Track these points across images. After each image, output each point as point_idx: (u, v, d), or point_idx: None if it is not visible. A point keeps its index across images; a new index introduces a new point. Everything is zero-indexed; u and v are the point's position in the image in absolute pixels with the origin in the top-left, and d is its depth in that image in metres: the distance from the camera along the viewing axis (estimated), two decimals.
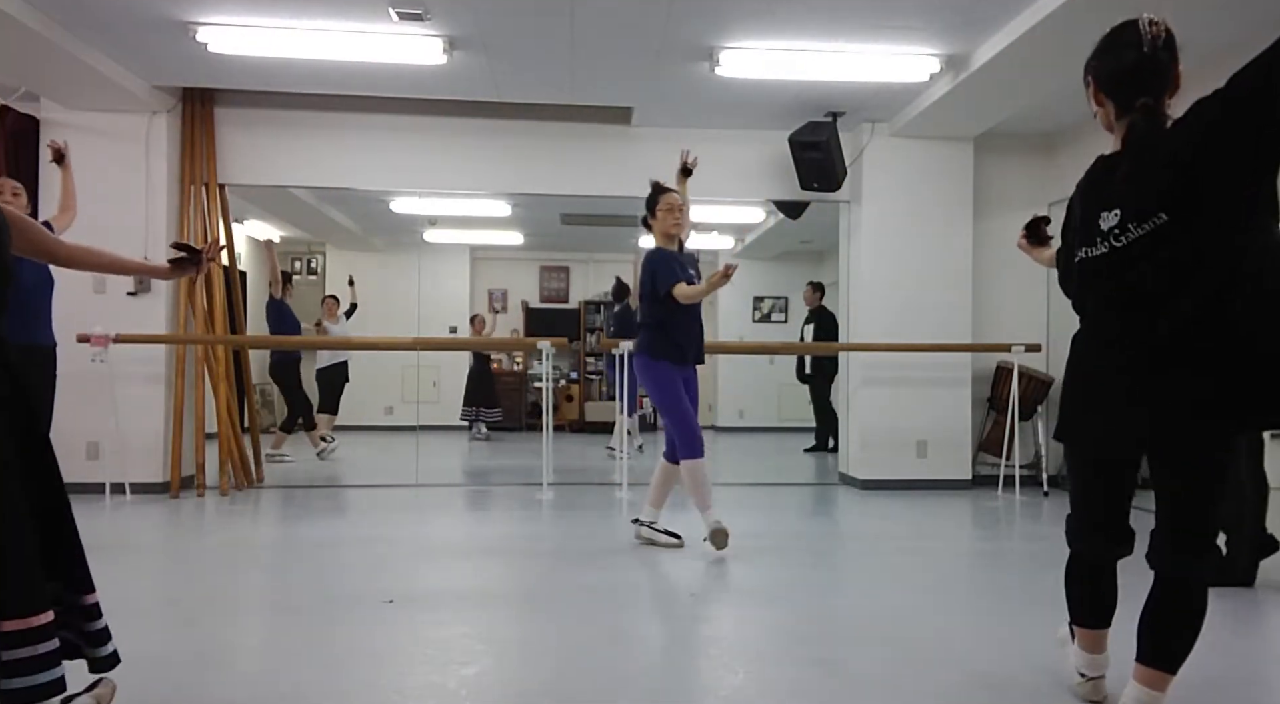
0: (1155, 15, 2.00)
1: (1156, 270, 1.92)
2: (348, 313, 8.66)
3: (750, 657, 2.80)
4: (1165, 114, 2.01)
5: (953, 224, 6.55)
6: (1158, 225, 1.91)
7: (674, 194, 4.35)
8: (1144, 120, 1.99)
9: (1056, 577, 2.54)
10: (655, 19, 4.72)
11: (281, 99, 6.15)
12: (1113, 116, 2.08)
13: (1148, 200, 1.93)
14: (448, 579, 3.76)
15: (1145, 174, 1.96)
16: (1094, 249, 2.04)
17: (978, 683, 2.56)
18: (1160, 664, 2.05)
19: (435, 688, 2.43)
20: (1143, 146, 2.00)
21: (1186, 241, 1.89)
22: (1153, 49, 1.99)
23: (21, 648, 1.79)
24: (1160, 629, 2.07)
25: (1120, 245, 1.97)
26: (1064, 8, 4.14)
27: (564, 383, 11.49)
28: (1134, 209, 1.95)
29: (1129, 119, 2.03)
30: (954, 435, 6.58)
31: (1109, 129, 2.14)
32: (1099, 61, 2.09)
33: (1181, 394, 1.91)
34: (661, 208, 4.32)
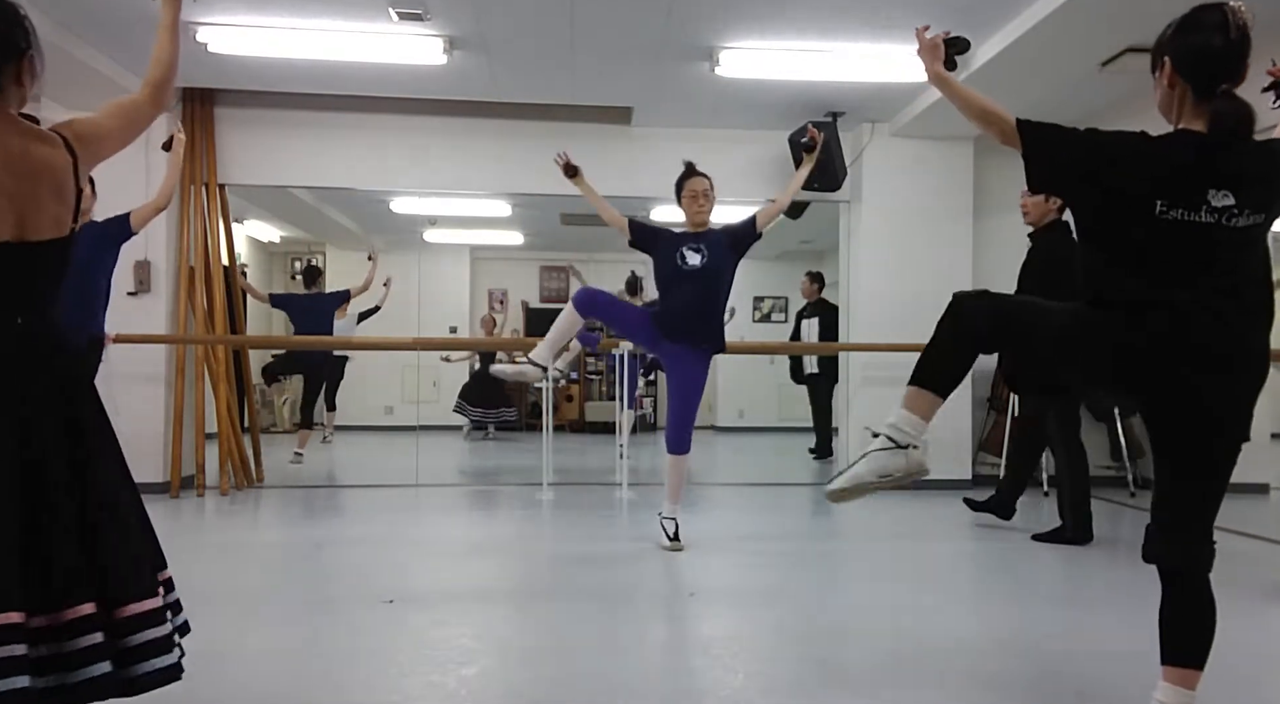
0: (1240, 4, 2.00)
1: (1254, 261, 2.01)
2: (366, 313, 8.59)
3: (750, 657, 2.80)
4: (1245, 102, 2.01)
5: (953, 224, 6.55)
6: (1256, 223, 1.98)
7: (700, 179, 4.28)
8: (1230, 107, 1.99)
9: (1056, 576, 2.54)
10: (655, 19, 4.72)
11: (281, 99, 6.15)
12: (1188, 100, 2.05)
13: (1261, 199, 1.98)
14: (448, 579, 3.76)
15: (1257, 172, 1.99)
16: (1195, 214, 1.97)
17: (978, 683, 2.56)
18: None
19: (435, 688, 2.43)
20: (1243, 138, 2.00)
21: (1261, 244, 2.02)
22: (1239, 35, 1.98)
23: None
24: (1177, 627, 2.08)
25: (1235, 227, 1.97)
26: (1064, 7, 4.14)
27: (564, 383, 11.49)
28: (1250, 200, 1.97)
29: (1211, 105, 2.00)
30: (954, 435, 6.58)
31: (1168, 111, 2.09)
32: (1181, 41, 2.03)
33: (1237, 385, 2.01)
34: (685, 194, 4.29)
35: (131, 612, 1.83)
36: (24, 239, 1.81)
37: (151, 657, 1.85)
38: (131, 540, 1.90)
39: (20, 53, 1.86)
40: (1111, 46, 4.77)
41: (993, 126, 2.23)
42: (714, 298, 4.24)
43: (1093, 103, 6.04)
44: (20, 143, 1.83)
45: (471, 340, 10.64)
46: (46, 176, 1.84)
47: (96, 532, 1.83)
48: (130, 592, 1.84)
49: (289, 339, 7.70)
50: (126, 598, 1.83)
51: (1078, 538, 4.49)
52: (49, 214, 1.84)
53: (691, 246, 4.20)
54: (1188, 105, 2.04)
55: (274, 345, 8.31)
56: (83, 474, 1.85)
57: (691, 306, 4.18)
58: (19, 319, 1.83)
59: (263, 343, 8.17)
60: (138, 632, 1.83)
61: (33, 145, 1.84)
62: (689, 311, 4.18)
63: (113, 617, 1.81)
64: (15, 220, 1.80)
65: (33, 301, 1.86)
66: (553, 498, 5.85)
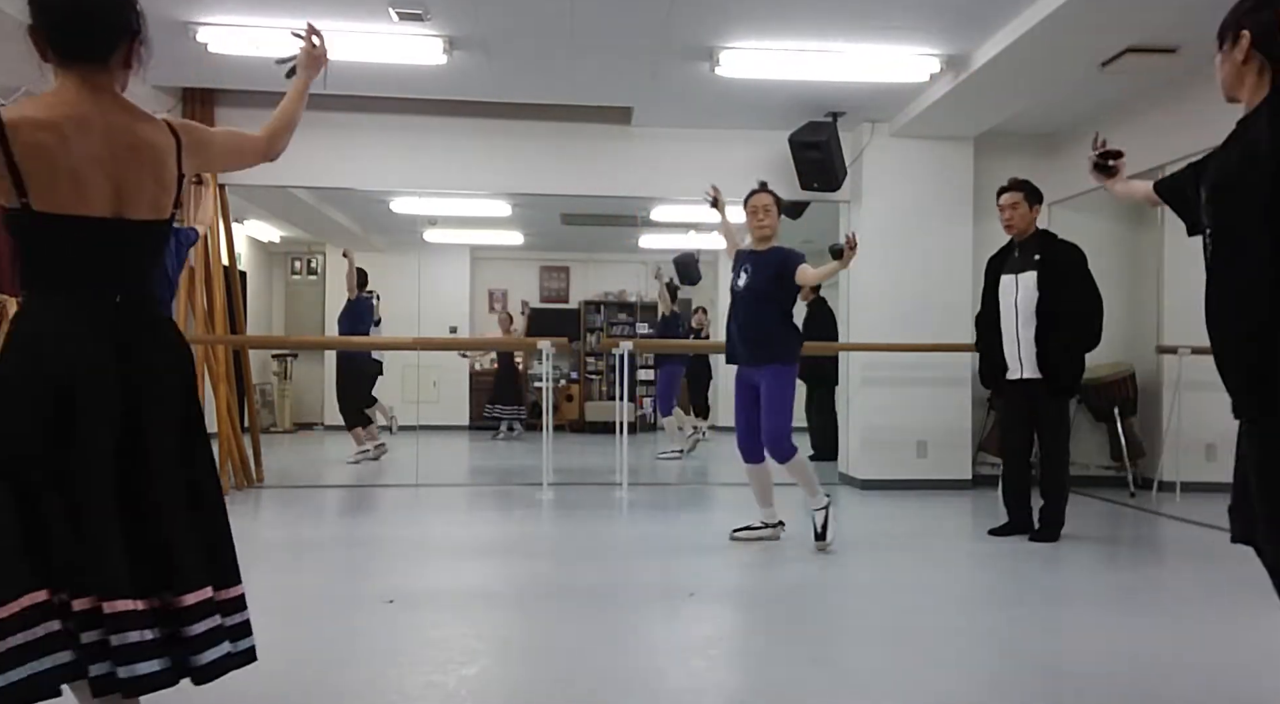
0: None
1: None
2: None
3: (750, 657, 2.80)
4: None
5: (953, 224, 6.55)
6: None
7: (761, 195, 4.36)
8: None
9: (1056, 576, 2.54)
10: (655, 19, 4.72)
11: (281, 99, 6.13)
12: (1261, 72, 2.03)
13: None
14: (448, 579, 3.76)
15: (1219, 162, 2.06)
16: None
17: (978, 683, 2.56)
18: None
19: (435, 688, 2.43)
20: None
21: None
22: None
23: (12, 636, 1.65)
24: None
25: None
26: (1064, 8, 4.14)
27: (564, 383, 11.49)
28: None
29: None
30: (954, 435, 6.58)
31: (1235, 85, 2.09)
32: (1261, 16, 2.03)
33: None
34: (749, 209, 4.39)
35: (235, 594, 1.95)
36: (121, 216, 1.84)
37: (244, 636, 1.97)
38: (223, 518, 1.98)
39: (133, 35, 1.90)
40: (1111, 46, 4.78)
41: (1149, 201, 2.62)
42: (753, 317, 4.28)
43: (1093, 103, 6.05)
44: (125, 119, 1.86)
45: (472, 340, 10.65)
46: (148, 156, 1.87)
47: (200, 510, 1.91)
48: (233, 577, 1.96)
49: (288, 339, 7.70)
50: (233, 581, 1.95)
51: (1051, 536, 4.51)
52: (147, 194, 1.87)
53: (744, 267, 4.34)
54: (1256, 79, 2.04)
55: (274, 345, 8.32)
56: (190, 448, 1.92)
57: (736, 327, 4.36)
58: (117, 297, 1.86)
59: (262, 343, 8.17)
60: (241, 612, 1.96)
61: (137, 123, 1.88)
62: (734, 332, 4.37)
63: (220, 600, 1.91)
64: (114, 197, 1.82)
65: (130, 279, 1.89)
66: (553, 498, 5.85)
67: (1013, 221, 4.61)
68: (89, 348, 1.79)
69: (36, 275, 1.82)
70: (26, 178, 1.72)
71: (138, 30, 1.90)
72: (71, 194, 1.76)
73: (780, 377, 4.25)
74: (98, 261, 1.83)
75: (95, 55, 1.84)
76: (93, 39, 1.84)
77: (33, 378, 1.76)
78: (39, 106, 1.79)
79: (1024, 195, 4.61)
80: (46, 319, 1.80)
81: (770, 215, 4.32)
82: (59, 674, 1.69)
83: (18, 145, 1.71)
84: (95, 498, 1.76)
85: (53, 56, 1.84)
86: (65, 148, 1.75)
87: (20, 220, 1.76)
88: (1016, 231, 4.63)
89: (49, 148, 1.73)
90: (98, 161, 1.78)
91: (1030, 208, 4.60)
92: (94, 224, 1.79)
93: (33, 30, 1.83)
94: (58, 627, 1.70)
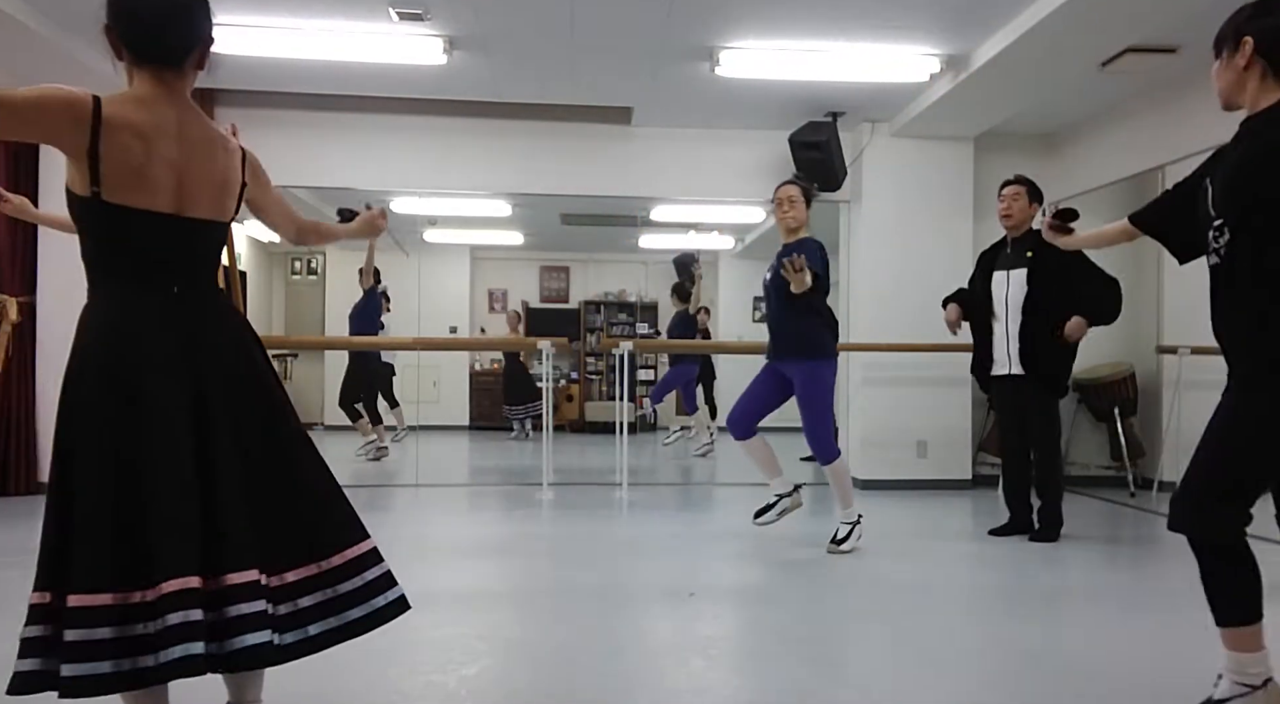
0: None
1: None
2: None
3: (750, 657, 2.80)
4: None
5: (953, 224, 6.55)
6: None
7: (786, 186, 4.30)
8: None
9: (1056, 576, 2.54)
10: (655, 19, 4.72)
11: (281, 99, 6.15)
12: (1263, 78, 2.07)
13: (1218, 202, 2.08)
14: (448, 579, 3.76)
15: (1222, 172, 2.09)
16: None
17: (978, 682, 2.56)
18: None
19: (435, 688, 2.43)
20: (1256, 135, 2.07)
21: None
22: None
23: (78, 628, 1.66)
24: None
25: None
26: (1064, 7, 4.14)
27: (564, 383, 11.49)
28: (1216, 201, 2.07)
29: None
30: (954, 435, 6.58)
31: (1236, 92, 2.12)
32: (1264, 23, 2.06)
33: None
34: (775, 201, 4.32)
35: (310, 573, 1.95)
36: (182, 214, 1.87)
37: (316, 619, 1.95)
38: (315, 493, 2.02)
39: (209, 40, 1.96)
40: (1111, 46, 4.78)
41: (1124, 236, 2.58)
42: (779, 312, 4.25)
43: (1093, 103, 6.05)
44: (199, 123, 1.92)
45: (472, 340, 10.65)
46: (218, 160, 1.93)
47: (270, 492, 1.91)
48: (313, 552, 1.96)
49: (288, 339, 7.71)
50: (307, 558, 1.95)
51: (1050, 536, 4.52)
52: (211, 195, 1.91)
53: (774, 263, 4.26)
54: (1259, 84, 2.07)
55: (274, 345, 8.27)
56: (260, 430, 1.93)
57: (770, 323, 4.35)
58: (175, 288, 1.89)
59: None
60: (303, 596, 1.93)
61: (210, 129, 1.95)
62: (770, 328, 4.34)
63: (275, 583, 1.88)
64: (176, 193, 1.86)
65: (188, 274, 1.92)
66: (553, 498, 5.85)
67: (1011, 212, 4.61)
68: (156, 337, 1.83)
69: (100, 265, 1.87)
70: (103, 169, 1.77)
71: (211, 36, 1.97)
72: (139, 189, 1.80)
73: (814, 374, 4.15)
74: (158, 255, 1.87)
75: (173, 59, 1.89)
76: (173, 43, 1.89)
77: (107, 368, 1.80)
78: (127, 105, 1.83)
79: (1026, 190, 4.62)
80: (113, 310, 1.84)
81: (795, 206, 4.23)
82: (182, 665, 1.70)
83: (105, 139, 1.76)
84: (172, 484, 1.77)
85: (128, 56, 1.88)
86: (145, 148, 1.80)
87: (89, 209, 1.80)
88: (1013, 224, 4.62)
89: (130, 147, 1.79)
90: (169, 162, 1.83)
91: (1030, 203, 4.61)
92: (158, 219, 1.83)
93: (109, 30, 1.88)
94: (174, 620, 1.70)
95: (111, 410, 1.77)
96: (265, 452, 1.92)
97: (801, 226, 4.26)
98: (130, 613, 1.70)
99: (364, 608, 2.00)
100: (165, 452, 1.77)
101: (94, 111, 1.77)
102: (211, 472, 1.81)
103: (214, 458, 1.82)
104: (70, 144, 1.76)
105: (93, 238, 1.85)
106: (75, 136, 1.76)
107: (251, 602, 1.79)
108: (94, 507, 1.73)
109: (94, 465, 1.74)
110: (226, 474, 1.83)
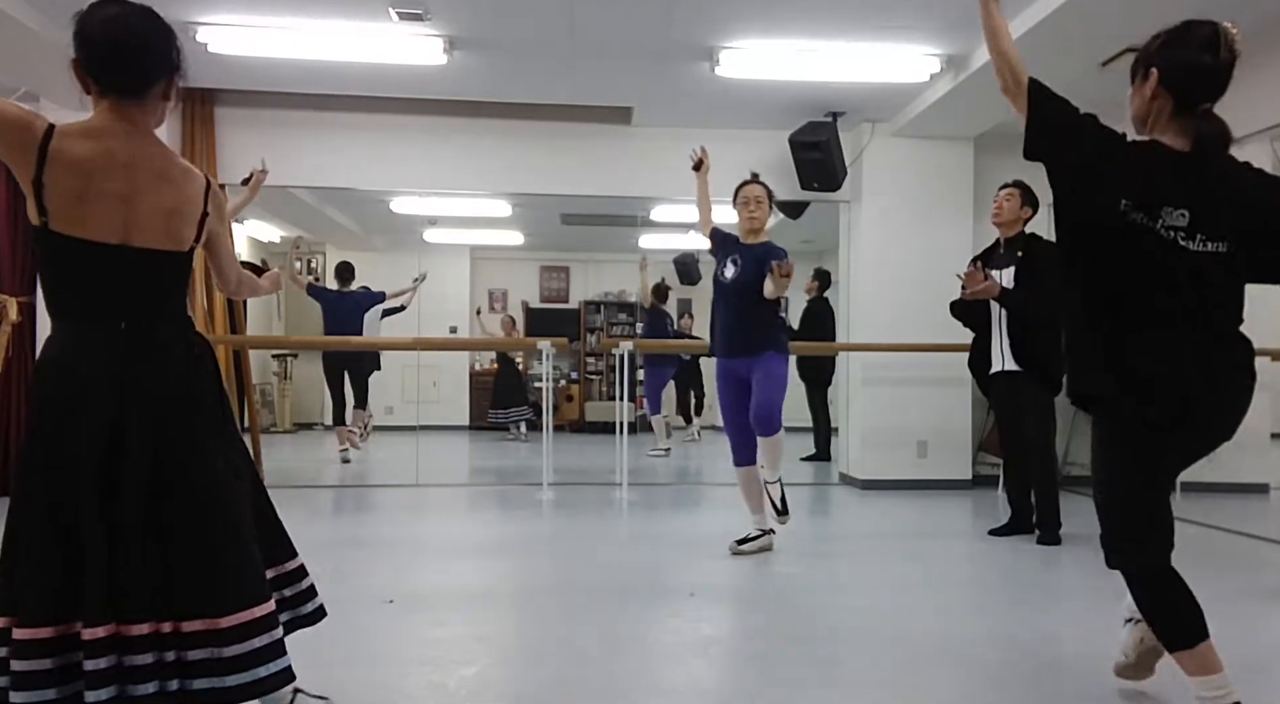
0: (1233, 25, 2.00)
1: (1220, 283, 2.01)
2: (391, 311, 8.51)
3: (750, 657, 2.80)
4: (1225, 123, 2.04)
5: (953, 224, 6.55)
6: (1219, 251, 1.99)
7: (753, 186, 4.23)
8: (1212, 127, 2.01)
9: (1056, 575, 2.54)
10: (655, 19, 4.72)
11: (281, 99, 6.15)
12: (1166, 114, 2.06)
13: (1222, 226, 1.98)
14: (448, 579, 3.76)
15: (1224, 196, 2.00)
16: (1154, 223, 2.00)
17: (978, 682, 2.56)
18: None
19: (435, 688, 2.43)
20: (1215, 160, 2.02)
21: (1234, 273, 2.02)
22: (1230, 56, 1.99)
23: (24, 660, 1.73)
24: None
25: (1188, 249, 1.98)
26: (1064, 7, 4.14)
27: (564, 383, 11.49)
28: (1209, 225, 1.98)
29: (1193, 124, 2.02)
30: (954, 435, 6.58)
31: (1143, 120, 2.11)
32: (1168, 55, 2.04)
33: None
34: (739, 200, 4.23)
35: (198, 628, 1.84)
36: (130, 243, 1.85)
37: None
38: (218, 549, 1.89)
39: (174, 69, 1.94)
40: (1111, 46, 4.77)
41: (1004, 72, 2.31)
42: (745, 311, 4.09)
43: (1093, 103, 6.01)
44: (153, 152, 1.90)
45: (472, 340, 10.64)
46: (173, 189, 1.90)
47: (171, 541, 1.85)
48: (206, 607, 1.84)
49: (288, 339, 7.70)
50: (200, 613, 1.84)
51: (1051, 538, 4.50)
52: (163, 225, 1.89)
53: (733, 258, 4.16)
54: (1165, 118, 2.06)
55: (274, 345, 8.31)
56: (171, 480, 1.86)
57: (724, 320, 4.17)
58: (121, 323, 1.86)
59: (262, 343, 8.15)
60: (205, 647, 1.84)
61: (167, 159, 1.93)
62: (722, 325, 4.18)
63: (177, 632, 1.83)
64: (123, 223, 1.84)
65: (139, 307, 1.89)
66: (553, 498, 5.85)
67: (1000, 211, 4.68)
68: (85, 374, 1.82)
69: (54, 297, 1.88)
70: (48, 198, 1.77)
71: (177, 66, 1.95)
72: (82, 220, 1.80)
73: (775, 361, 4.10)
74: (105, 287, 1.85)
75: (133, 90, 1.88)
76: (132, 74, 1.88)
77: (45, 404, 1.83)
78: (76, 136, 1.82)
79: (1020, 192, 4.68)
80: (57, 344, 1.85)
81: (762, 207, 4.19)
82: None
83: (49, 168, 1.76)
84: (85, 524, 1.78)
85: (94, 87, 1.87)
86: (87, 181, 1.80)
87: (40, 238, 1.81)
88: (1001, 221, 4.69)
89: (72, 179, 1.78)
90: (114, 194, 1.82)
91: (1022, 206, 4.65)
92: (102, 250, 1.82)
93: (76, 64, 1.87)
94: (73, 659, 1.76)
95: (40, 448, 1.81)
96: (174, 505, 1.86)
97: (763, 228, 4.25)
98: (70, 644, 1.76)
99: (243, 676, 1.85)
100: (76, 496, 1.78)
101: (44, 139, 1.76)
102: (117, 518, 1.80)
103: (120, 506, 1.81)
104: (20, 170, 1.77)
105: (46, 267, 1.85)
106: (24, 162, 1.76)
107: (144, 654, 1.79)
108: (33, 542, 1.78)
109: (31, 502, 1.80)
110: (129, 523, 1.80)
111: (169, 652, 1.82)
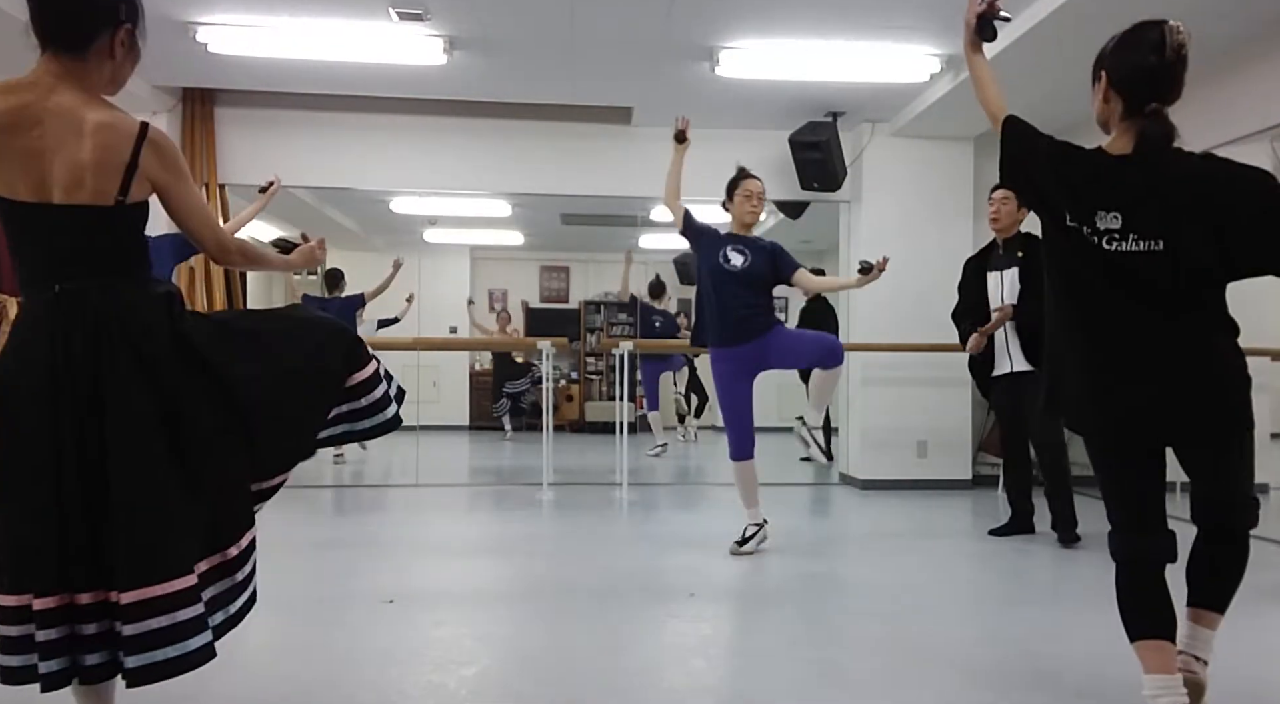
0: (1180, 23, 2.00)
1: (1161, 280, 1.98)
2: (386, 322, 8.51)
3: (750, 657, 2.80)
4: (1171, 122, 2.03)
5: (953, 224, 6.55)
6: (1155, 249, 1.97)
7: (755, 180, 4.24)
8: (1156, 127, 2.01)
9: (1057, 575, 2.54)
10: (655, 19, 4.72)
11: (281, 99, 6.15)
12: (1117, 115, 2.07)
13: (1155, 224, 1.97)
14: (448, 579, 3.76)
15: (1160, 196, 1.99)
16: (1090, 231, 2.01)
17: (978, 683, 2.56)
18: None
19: (435, 688, 2.43)
20: (1157, 160, 2.01)
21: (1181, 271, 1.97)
22: (1175, 56, 1.99)
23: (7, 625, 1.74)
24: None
25: (1114, 251, 1.98)
26: (1064, 8, 4.14)
27: (564, 383, 11.49)
28: (1142, 224, 1.97)
29: (1139, 124, 2.03)
30: (954, 435, 6.58)
31: (1105, 125, 2.14)
32: (1117, 58, 2.06)
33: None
34: (740, 193, 4.22)
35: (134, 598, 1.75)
36: (48, 200, 1.76)
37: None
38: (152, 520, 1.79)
39: (119, 23, 1.82)
40: None
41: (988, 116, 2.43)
42: (754, 298, 4.12)
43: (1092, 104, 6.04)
44: (75, 104, 1.77)
45: (472, 340, 10.64)
46: (93, 140, 1.76)
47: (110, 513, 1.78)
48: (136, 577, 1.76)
49: None
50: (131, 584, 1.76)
51: (1070, 538, 4.47)
52: (75, 177, 1.76)
53: (735, 248, 4.17)
54: (1117, 120, 2.07)
55: None
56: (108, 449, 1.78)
57: (727, 307, 4.13)
58: (55, 286, 1.78)
59: None
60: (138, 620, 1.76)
61: (92, 109, 1.79)
62: (726, 313, 4.13)
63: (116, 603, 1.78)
64: (40, 180, 1.76)
65: (74, 267, 1.79)
66: (553, 498, 5.85)
67: (999, 216, 4.68)
68: (33, 346, 1.78)
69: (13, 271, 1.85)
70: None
71: (123, 20, 1.83)
72: (5, 178, 1.76)
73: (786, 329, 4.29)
74: (38, 248, 1.80)
75: (70, 44, 1.79)
76: (66, 25, 1.78)
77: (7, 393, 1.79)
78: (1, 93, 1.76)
79: (1015, 195, 4.66)
80: (15, 327, 1.83)
81: (762, 202, 4.27)
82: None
83: None
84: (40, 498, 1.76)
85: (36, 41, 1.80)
86: (5, 137, 1.73)
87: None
88: (1000, 226, 4.70)
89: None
90: (31, 150, 1.74)
91: (1018, 208, 4.65)
92: (23, 208, 1.77)
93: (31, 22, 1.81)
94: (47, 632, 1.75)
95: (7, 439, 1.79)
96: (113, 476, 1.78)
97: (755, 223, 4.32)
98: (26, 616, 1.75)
99: (140, 658, 1.75)
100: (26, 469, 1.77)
101: None
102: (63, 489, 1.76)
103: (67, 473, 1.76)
104: None
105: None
106: None
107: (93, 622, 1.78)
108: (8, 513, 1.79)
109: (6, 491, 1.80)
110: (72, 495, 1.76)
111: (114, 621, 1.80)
